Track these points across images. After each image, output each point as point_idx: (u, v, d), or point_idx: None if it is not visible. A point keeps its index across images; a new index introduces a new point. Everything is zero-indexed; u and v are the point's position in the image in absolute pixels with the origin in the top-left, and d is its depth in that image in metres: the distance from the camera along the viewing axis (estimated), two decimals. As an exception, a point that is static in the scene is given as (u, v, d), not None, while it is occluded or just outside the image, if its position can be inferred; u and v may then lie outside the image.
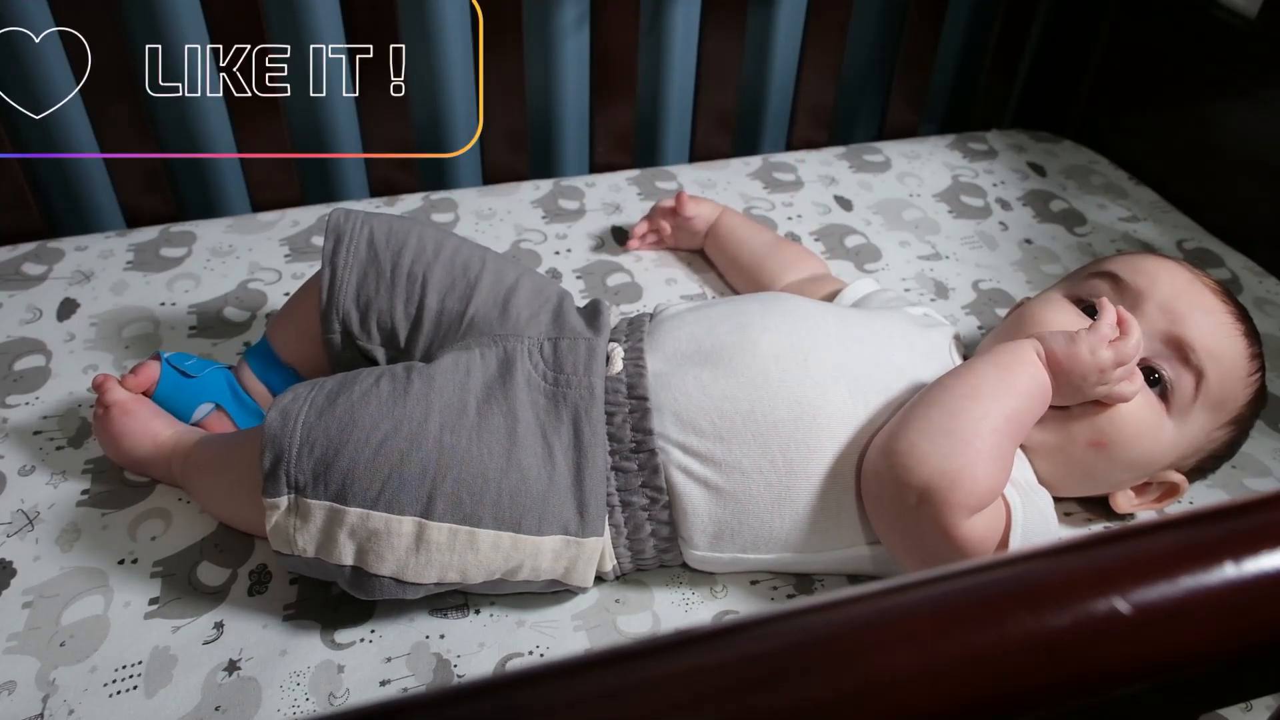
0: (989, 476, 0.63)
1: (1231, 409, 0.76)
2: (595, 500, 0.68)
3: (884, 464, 0.64)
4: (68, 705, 0.64)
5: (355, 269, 0.77)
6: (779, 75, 1.34)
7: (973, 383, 0.67)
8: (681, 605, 0.72)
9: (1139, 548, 0.33)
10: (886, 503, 0.65)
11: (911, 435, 0.64)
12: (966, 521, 0.62)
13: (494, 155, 1.19)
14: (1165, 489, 0.78)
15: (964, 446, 0.63)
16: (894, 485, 0.63)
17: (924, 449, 0.63)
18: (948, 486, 0.61)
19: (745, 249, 1.01)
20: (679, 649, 0.31)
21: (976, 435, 0.63)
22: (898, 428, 0.65)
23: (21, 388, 0.87)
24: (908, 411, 0.66)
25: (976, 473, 0.62)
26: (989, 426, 0.64)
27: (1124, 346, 0.69)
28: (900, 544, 0.67)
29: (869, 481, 0.67)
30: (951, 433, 0.63)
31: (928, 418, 0.64)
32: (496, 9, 1.09)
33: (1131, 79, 1.27)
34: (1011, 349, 0.69)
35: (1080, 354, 0.68)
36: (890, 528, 0.66)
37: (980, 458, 0.62)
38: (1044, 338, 0.70)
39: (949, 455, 0.62)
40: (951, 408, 0.65)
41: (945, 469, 0.62)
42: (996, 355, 0.69)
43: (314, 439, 0.64)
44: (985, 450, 0.63)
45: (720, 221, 1.04)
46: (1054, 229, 1.17)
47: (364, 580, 0.65)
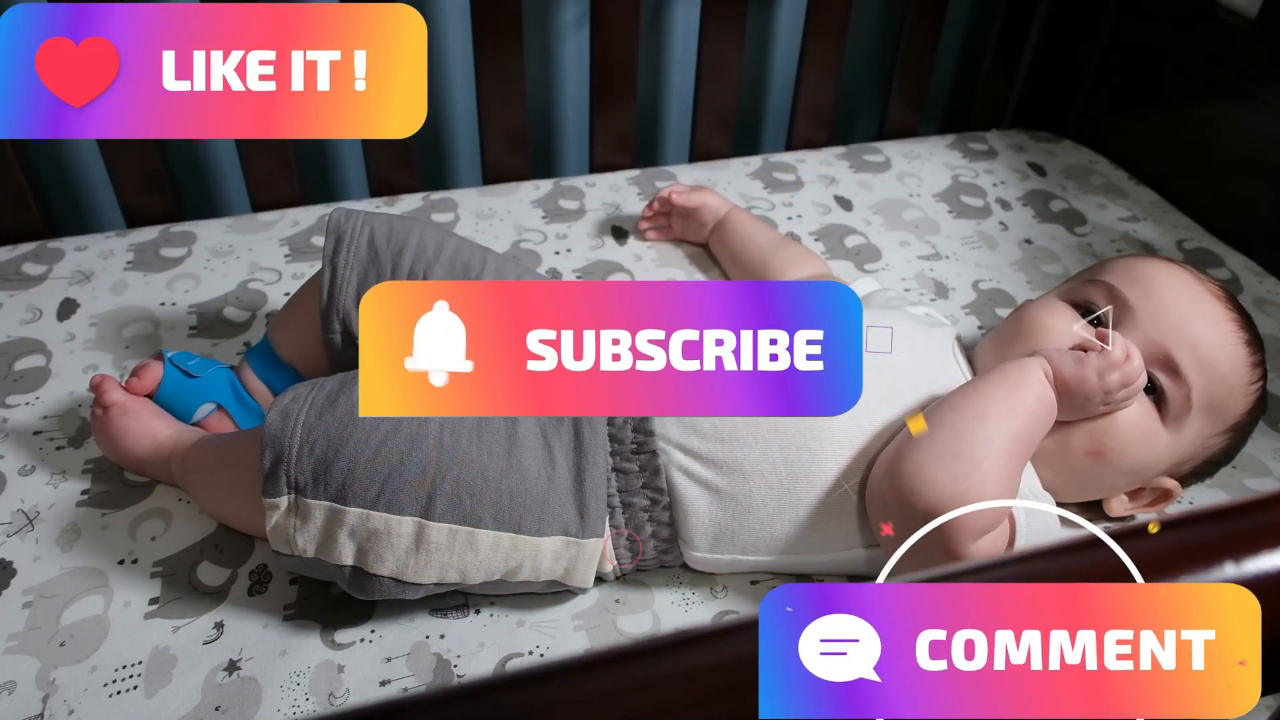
0: (995, 499, 0.63)
1: (1230, 417, 0.76)
2: (596, 501, 0.68)
3: (889, 485, 0.64)
4: (68, 705, 0.64)
5: (356, 269, 0.77)
6: (779, 75, 1.34)
7: (979, 403, 0.66)
8: (681, 605, 0.72)
9: (1139, 548, 0.33)
10: (888, 520, 0.64)
11: (919, 457, 0.63)
12: (973, 544, 0.62)
13: (494, 155, 1.19)
14: (1158, 494, 0.78)
15: (971, 469, 0.62)
16: (900, 507, 0.63)
17: (930, 471, 0.62)
18: (953, 509, 0.60)
19: (751, 245, 1.01)
20: (679, 649, 0.31)
21: (984, 458, 0.63)
22: (903, 448, 0.64)
23: (21, 388, 0.87)
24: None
25: (984, 495, 0.62)
26: (997, 449, 0.63)
27: (1129, 369, 0.69)
28: (907, 559, 0.66)
29: (874, 501, 0.66)
30: (959, 454, 0.63)
31: (935, 439, 0.64)
32: (496, 9, 1.09)
33: (1131, 79, 1.27)
34: (1018, 368, 0.69)
35: (1089, 378, 0.68)
36: (895, 545, 0.66)
37: (988, 480, 0.62)
38: (1051, 358, 0.69)
39: (956, 478, 0.61)
40: (958, 428, 0.64)
41: (953, 491, 0.61)
42: (1003, 374, 0.68)
43: (314, 439, 0.64)
44: (993, 473, 0.63)
45: (728, 217, 1.05)
46: (1054, 229, 1.17)
47: (364, 580, 0.65)
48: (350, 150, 1.22)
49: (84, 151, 1.11)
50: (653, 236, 1.10)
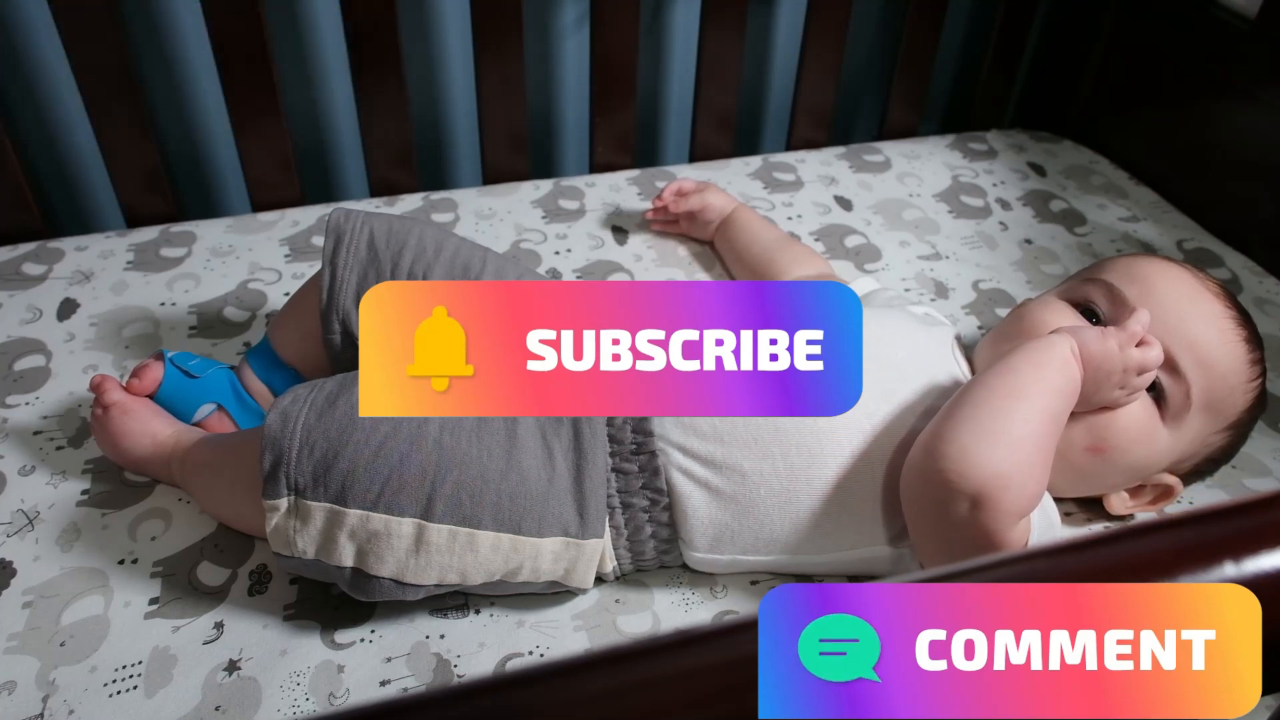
0: (1037, 481, 0.63)
1: (1230, 415, 0.76)
2: (595, 502, 0.68)
3: (932, 467, 0.63)
4: (68, 705, 0.64)
5: (355, 269, 0.77)
6: (779, 75, 1.34)
7: (1014, 382, 0.65)
8: (681, 605, 0.72)
9: (1139, 548, 0.33)
10: (930, 506, 0.63)
11: (963, 439, 0.62)
12: (1015, 527, 0.62)
13: (494, 155, 1.19)
14: (1160, 491, 0.78)
15: (1014, 451, 0.61)
16: (944, 490, 0.62)
17: (976, 453, 0.61)
18: (1000, 491, 0.60)
19: (755, 244, 1.02)
20: (679, 649, 0.31)
21: (1025, 438, 0.62)
22: (944, 429, 0.63)
23: (21, 388, 0.87)
24: (952, 412, 0.65)
25: (1027, 477, 0.62)
26: (1035, 429, 0.63)
27: (1150, 352, 0.69)
28: (938, 547, 0.66)
29: (913, 484, 0.65)
30: (1001, 434, 0.62)
31: (977, 419, 0.63)
32: (496, 9, 1.09)
33: (1131, 79, 1.27)
34: (1046, 346, 0.68)
35: (1112, 349, 0.68)
36: (930, 531, 0.65)
37: (1033, 461, 0.62)
38: (1076, 332, 0.69)
39: (1003, 460, 0.61)
40: (997, 407, 0.63)
41: (999, 473, 0.60)
42: (1032, 354, 0.67)
43: (313, 441, 0.64)
44: (1035, 454, 0.62)
45: (733, 215, 1.05)
46: (1054, 229, 1.17)
47: (364, 582, 0.65)
48: (350, 150, 1.22)
49: (84, 152, 1.11)
50: (658, 229, 1.11)
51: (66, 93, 1.06)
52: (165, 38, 1.08)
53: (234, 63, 1.04)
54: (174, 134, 1.15)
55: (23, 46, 1.04)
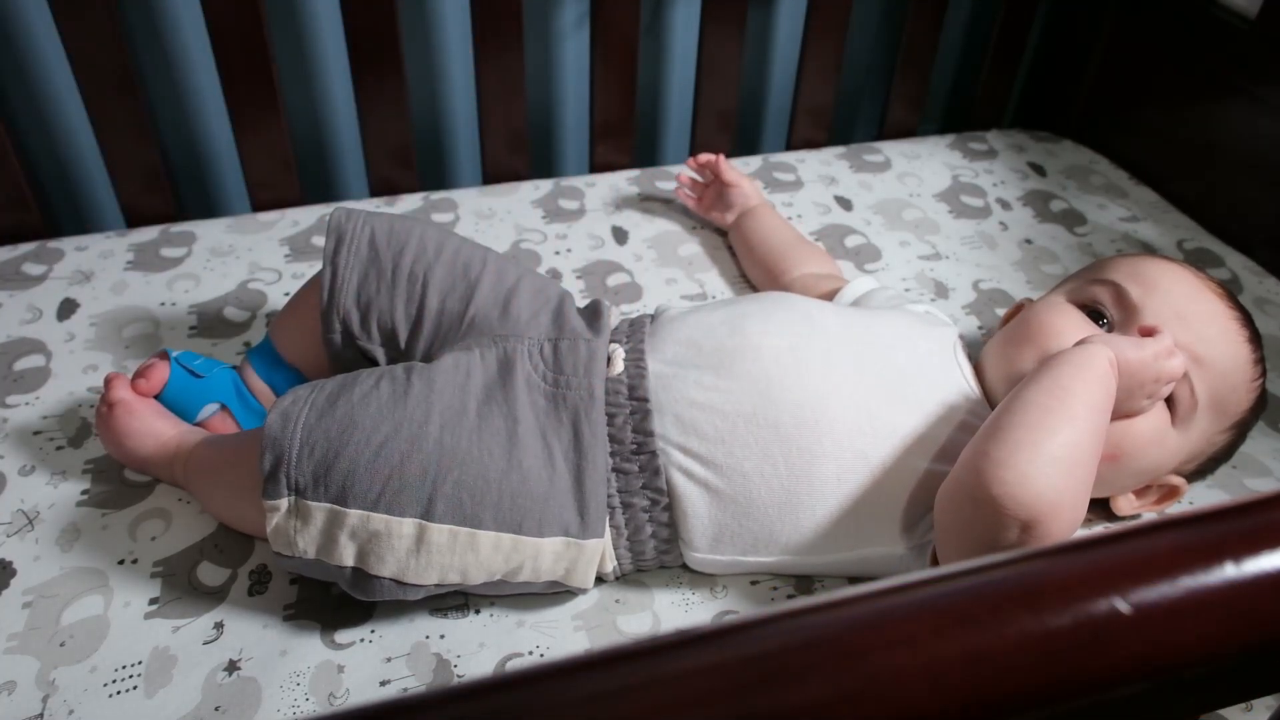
0: (1085, 503, 0.63)
1: (1233, 414, 0.76)
2: (596, 502, 0.68)
3: (986, 493, 0.60)
4: (68, 705, 0.64)
5: (356, 269, 0.77)
6: (779, 75, 1.34)
7: (1066, 401, 0.63)
8: (681, 605, 0.72)
9: (1139, 548, 0.33)
10: (978, 527, 0.61)
11: (1021, 464, 0.60)
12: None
13: (494, 155, 1.19)
14: (1165, 491, 0.78)
15: (1069, 477, 0.61)
16: (996, 515, 0.60)
17: (1034, 479, 0.59)
18: (1053, 518, 0.59)
19: (770, 239, 1.03)
20: (679, 649, 0.31)
21: (1079, 463, 0.62)
22: (997, 451, 0.61)
23: (21, 388, 0.87)
24: (1003, 432, 0.62)
25: (1079, 500, 0.61)
26: (1086, 452, 0.62)
27: (1175, 360, 0.69)
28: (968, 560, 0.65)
29: (961, 505, 0.63)
30: (1058, 461, 0.60)
31: (1035, 444, 0.61)
32: (496, 9, 1.09)
33: (1131, 79, 1.27)
34: (1088, 361, 0.66)
35: (1148, 360, 0.68)
36: (967, 548, 0.63)
37: (1085, 485, 0.62)
38: (1113, 343, 0.68)
39: (1059, 487, 0.60)
40: (1051, 429, 0.61)
41: (1055, 501, 0.59)
42: (1079, 369, 0.65)
43: (314, 441, 0.64)
44: (1087, 477, 0.62)
45: (756, 209, 1.07)
46: (1054, 229, 1.17)
47: (364, 582, 0.65)
48: (350, 150, 1.22)
49: (84, 151, 1.11)
50: (682, 196, 1.13)
51: (66, 93, 1.06)
52: (165, 38, 1.08)
53: (234, 63, 1.04)
54: (174, 134, 1.15)
55: (23, 47, 1.04)
